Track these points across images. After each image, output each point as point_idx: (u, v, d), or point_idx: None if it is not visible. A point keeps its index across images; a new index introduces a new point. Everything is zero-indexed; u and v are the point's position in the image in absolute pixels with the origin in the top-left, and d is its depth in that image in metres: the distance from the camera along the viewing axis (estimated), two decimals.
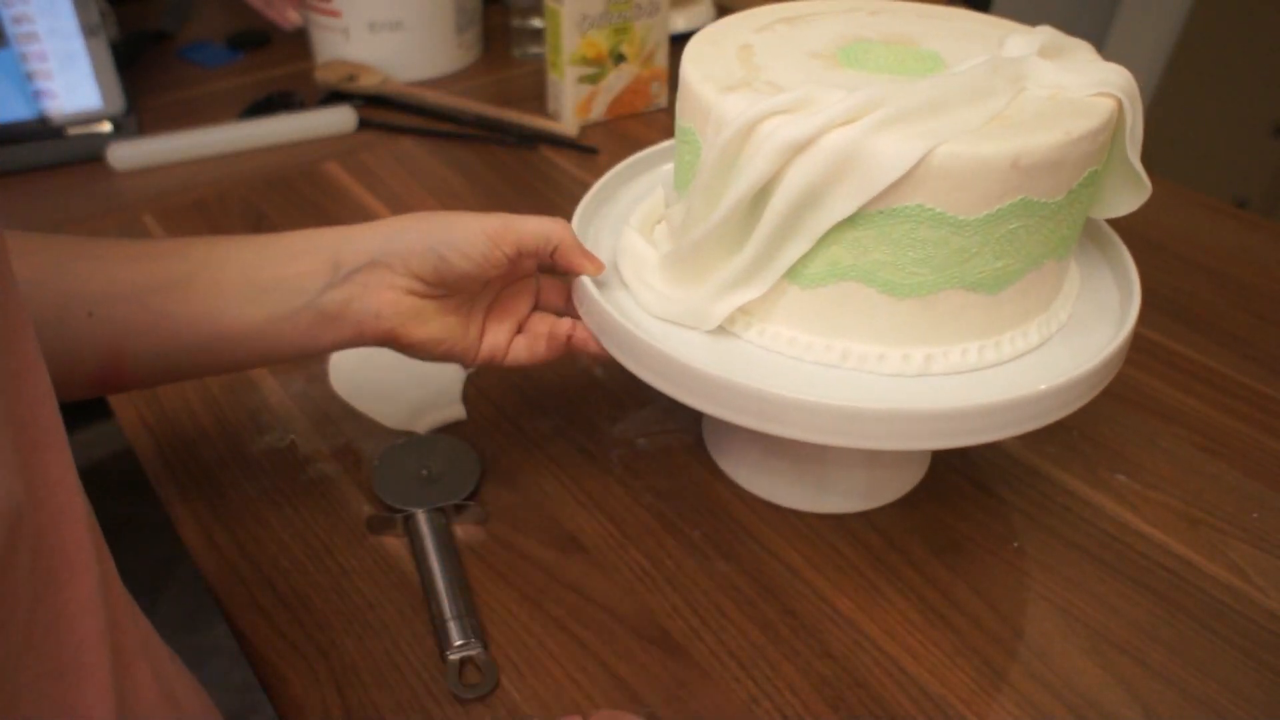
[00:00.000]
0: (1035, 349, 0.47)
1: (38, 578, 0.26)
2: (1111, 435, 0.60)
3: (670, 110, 0.98)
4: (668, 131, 0.42)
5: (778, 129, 0.40)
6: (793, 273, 0.44)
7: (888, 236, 0.41)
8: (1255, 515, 0.55)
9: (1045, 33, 0.47)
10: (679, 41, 1.11)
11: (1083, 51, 0.47)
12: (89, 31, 0.86)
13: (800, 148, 0.39)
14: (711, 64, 0.46)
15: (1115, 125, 0.44)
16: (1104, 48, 2.04)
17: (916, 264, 0.42)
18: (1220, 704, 0.45)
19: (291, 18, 1.14)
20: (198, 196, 0.82)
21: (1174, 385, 0.65)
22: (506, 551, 0.52)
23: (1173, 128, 1.90)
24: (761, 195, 0.42)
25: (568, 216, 0.57)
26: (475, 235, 0.47)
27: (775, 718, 0.45)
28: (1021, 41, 0.46)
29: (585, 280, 0.49)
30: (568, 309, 0.53)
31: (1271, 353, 0.68)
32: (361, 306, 0.46)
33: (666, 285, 0.48)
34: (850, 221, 0.41)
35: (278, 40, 1.13)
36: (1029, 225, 0.42)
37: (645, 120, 0.97)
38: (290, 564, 0.51)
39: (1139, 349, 0.68)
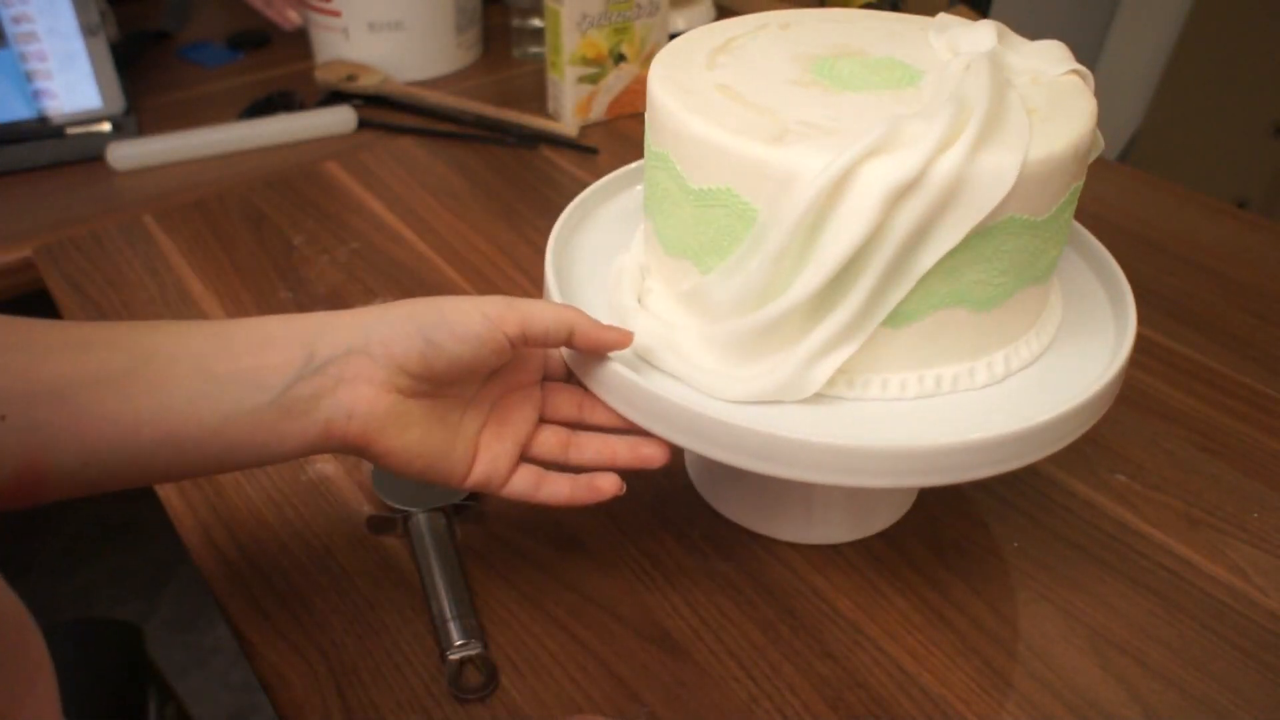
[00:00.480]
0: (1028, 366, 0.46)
1: None
2: (1111, 435, 0.60)
3: None
4: None
5: (880, 174, 0.37)
6: (892, 316, 0.41)
7: (980, 254, 0.40)
8: (1255, 515, 0.55)
9: (975, 24, 0.46)
10: None
11: (1011, 35, 0.46)
12: (89, 31, 0.86)
13: (909, 188, 0.37)
14: (710, 111, 0.41)
15: None
16: (1104, 47, 2.04)
17: (1000, 274, 0.41)
18: (1220, 704, 0.45)
19: (291, 18, 1.14)
20: (198, 196, 0.82)
21: (1174, 385, 0.65)
22: (506, 551, 0.52)
23: (1173, 128, 1.90)
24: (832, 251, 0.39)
25: None
26: (471, 316, 0.39)
27: (775, 718, 0.45)
28: (985, 34, 0.45)
29: (619, 368, 0.42)
30: (581, 421, 0.46)
31: (1271, 353, 0.68)
32: (332, 403, 0.38)
33: (725, 365, 0.43)
34: (953, 250, 0.39)
35: (278, 40, 1.13)
36: (1069, 209, 0.43)
37: (644, 121, 0.97)
38: (290, 564, 0.51)
39: (1139, 349, 0.68)
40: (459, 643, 0.46)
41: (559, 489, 0.44)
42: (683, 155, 0.42)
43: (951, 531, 0.54)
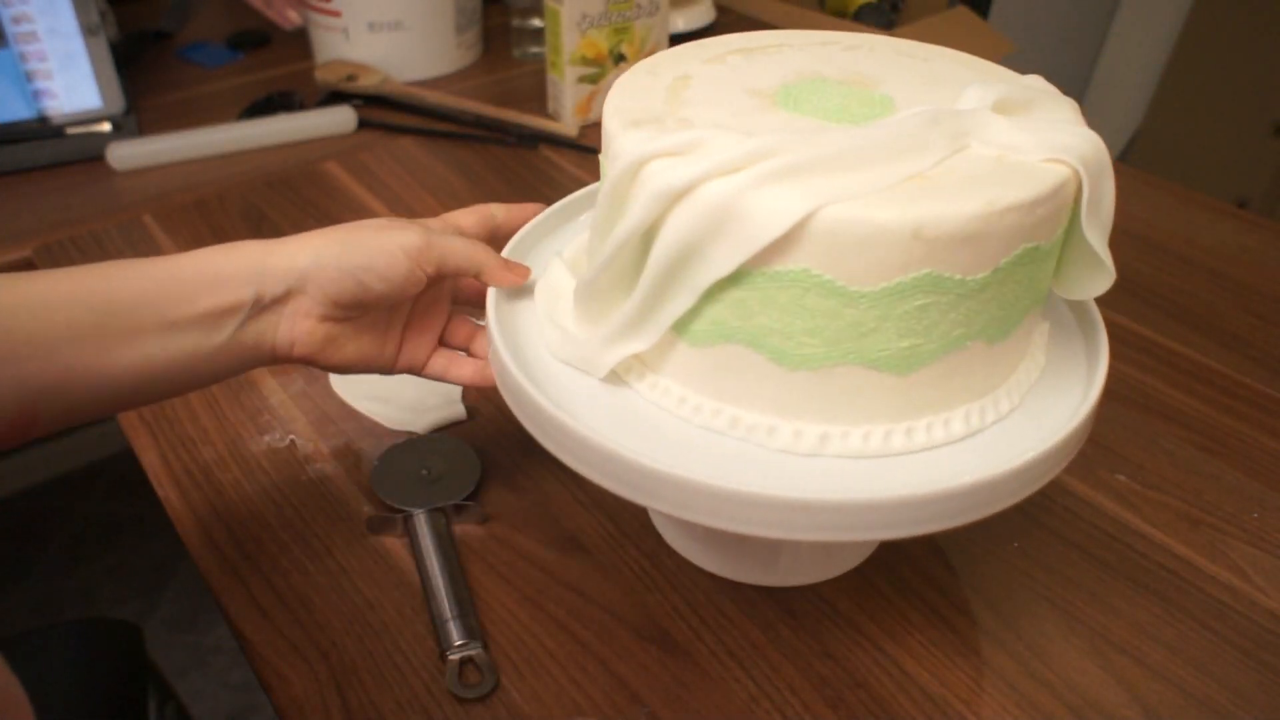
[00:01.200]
0: (958, 440, 0.41)
1: None
2: (1111, 435, 0.60)
3: None
4: None
5: (658, 174, 0.36)
6: (680, 326, 0.40)
7: (773, 300, 0.37)
8: (1255, 515, 0.55)
9: (1022, 84, 0.42)
10: (679, 41, 1.12)
11: (1056, 109, 0.41)
12: (89, 31, 0.86)
13: (679, 196, 0.36)
14: (635, 95, 0.42)
15: (1071, 198, 0.38)
16: (1104, 48, 2.04)
17: (806, 334, 0.37)
18: (1220, 704, 0.45)
19: (291, 18, 1.14)
20: (198, 196, 0.82)
21: (1174, 385, 0.65)
22: (506, 551, 0.52)
23: (1173, 128, 1.90)
24: (646, 242, 0.38)
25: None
26: (396, 257, 0.44)
27: (775, 718, 0.45)
28: (979, 92, 0.40)
29: (490, 311, 0.45)
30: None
31: (1271, 353, 0.68)
32: (277, 336, 0.44)
33: (576, 324, 0.45)
34: (733, 280, 0.37)
35: (278, 40, 1.13)
36: (941, 303, 0.37)
37: None
38: (290, 564, 0.51)
39: (1139, 349, 0.68)
40: (459, 643, 0.46)
41: (463, 371, 0.51)
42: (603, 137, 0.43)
43: (951, 531, 0.54)
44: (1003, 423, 0.42)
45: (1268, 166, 1.78)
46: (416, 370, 0.51)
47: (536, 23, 1.09)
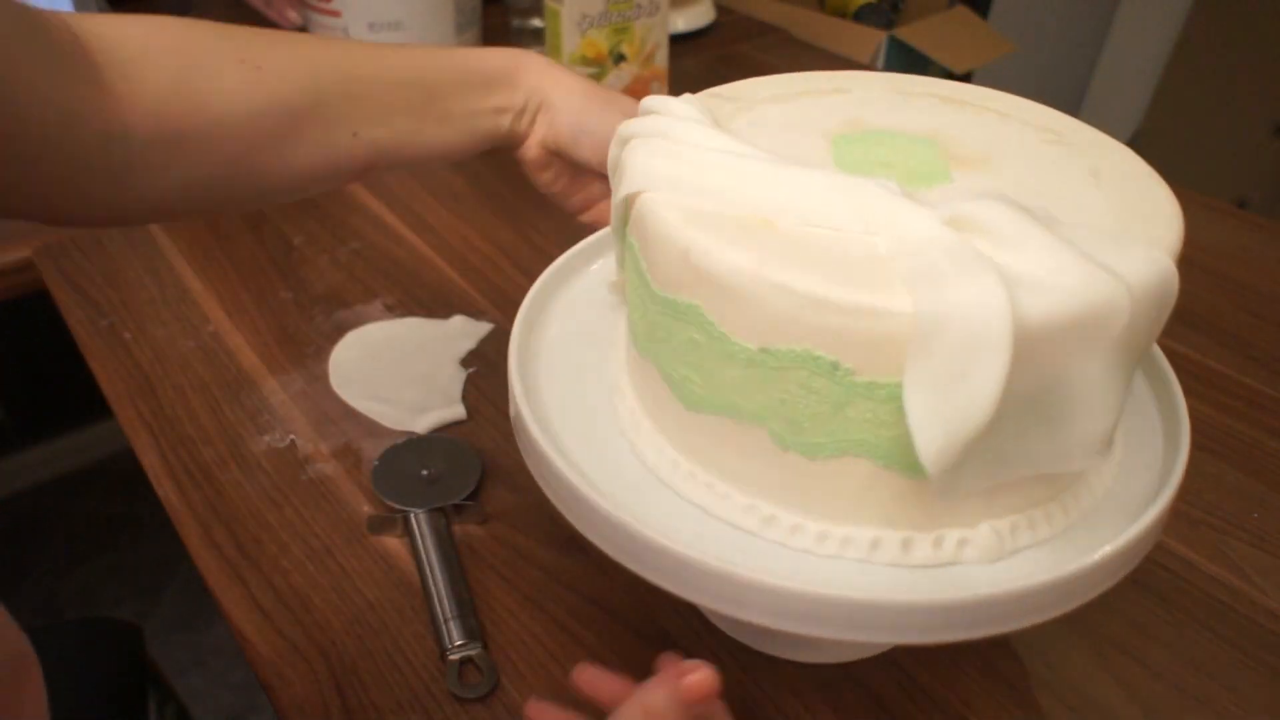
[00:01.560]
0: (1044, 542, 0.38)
1: None
2: None
3: None
4: None
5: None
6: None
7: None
8: (1255, 515, 0.55)
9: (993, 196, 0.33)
10: (679, 41, 1.11)
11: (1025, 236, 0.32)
12: None
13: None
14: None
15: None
16: (1104, 48, 2.04)
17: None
18: (1220, 704, 0.45)
19: (291, 17, 1.14)
20: None
21: None
22: (506, 551, 0.52)
23: (1173, 128, 1.90)
24: None
25: (568, 221, 0.57)
26: (602, 139, 0.50)
27: (775, 718, 0.45)
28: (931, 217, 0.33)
29: (513, 372, 0.41)
30: None
31: (1271, 353, 0.68)
32: (514, 145, 0.54)
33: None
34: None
35: None
36: None
37: None
38: (290, 564, 0.51)
39: None
40: (459, 643, 0.46)
41: None
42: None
43: None
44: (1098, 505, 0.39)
45: (1268, 166, 1.78)
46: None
47: (536, 23, 1.09)
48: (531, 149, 0.54)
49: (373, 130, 0.48)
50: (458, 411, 0.60)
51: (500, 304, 0.70)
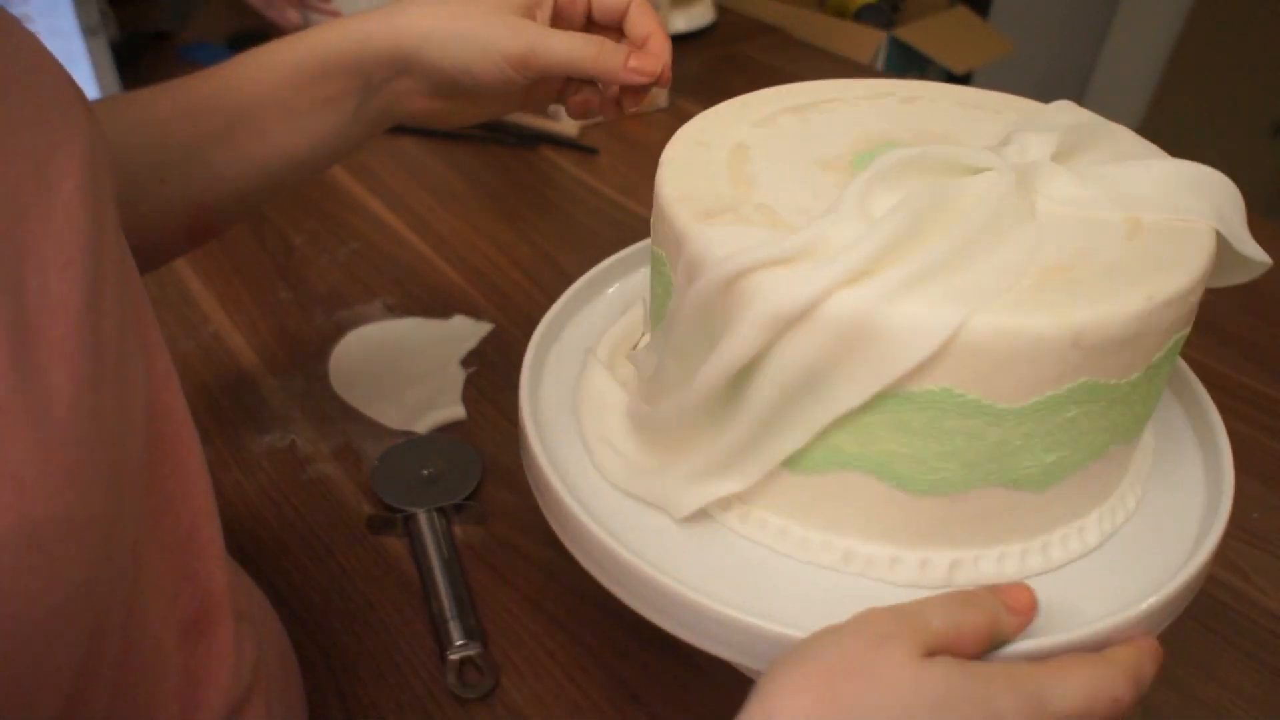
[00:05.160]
0: (1094, 550, 0.36)
1: (158, 457, 0.30)
2: None
3: (671, 111, 0.98)
4: (668, 131, 0.40)
5: (766, 293, 0.30)
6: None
7: (905, 425, 0.31)
8: (1255, 515, 0.55)
9: (1063, 117, 0.37)
10: (679, 41, 1.12)
11: (1112, 140, 0.37)
12: (89, 31, 0.86)
13: (795, 320, 0.30)
14: (693, 174, 0.36)
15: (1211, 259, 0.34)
16: (1104, 47, 2.04)
17: (941, 458, 0.32)
18: (1220, 704, 0.45)
19: (291, 18, 1.14)
20: None
21: None
22: (506, 551, 0.52)
23: (1173, 128, 1.90)
24: (747, 369, 0.32)
25: (569, 221, 0.57)
26: (495, 63, 0.43)
27: None
28: (1039, 141, 0.36)
29: (527, 426, 0.39)
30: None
31: (1271, 353, 0.68)
32: (398, 110, 0.47)
33: (635, 448, 0.39)
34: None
35: None
36: (1092, 411, 0.32)
37: (645, 121, 0.97)
38: (290, 564, 0.51)
39: None
40: (459, 643, 0.46)
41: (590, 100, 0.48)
42: (654, 211, 0.37)
43: None
44: (1132, 521, 0.38)
45: (1268, 166, 1.78)
46: (559, 102, 0.49)
47: None
48: (417, 106, 0.47)
49: (181, 171, 0.43)
50: (458, 411, 0.60)
51: (500, 304, 0.70)
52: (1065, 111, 0.39)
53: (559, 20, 0.46)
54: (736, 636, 0.32)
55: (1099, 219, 0.34)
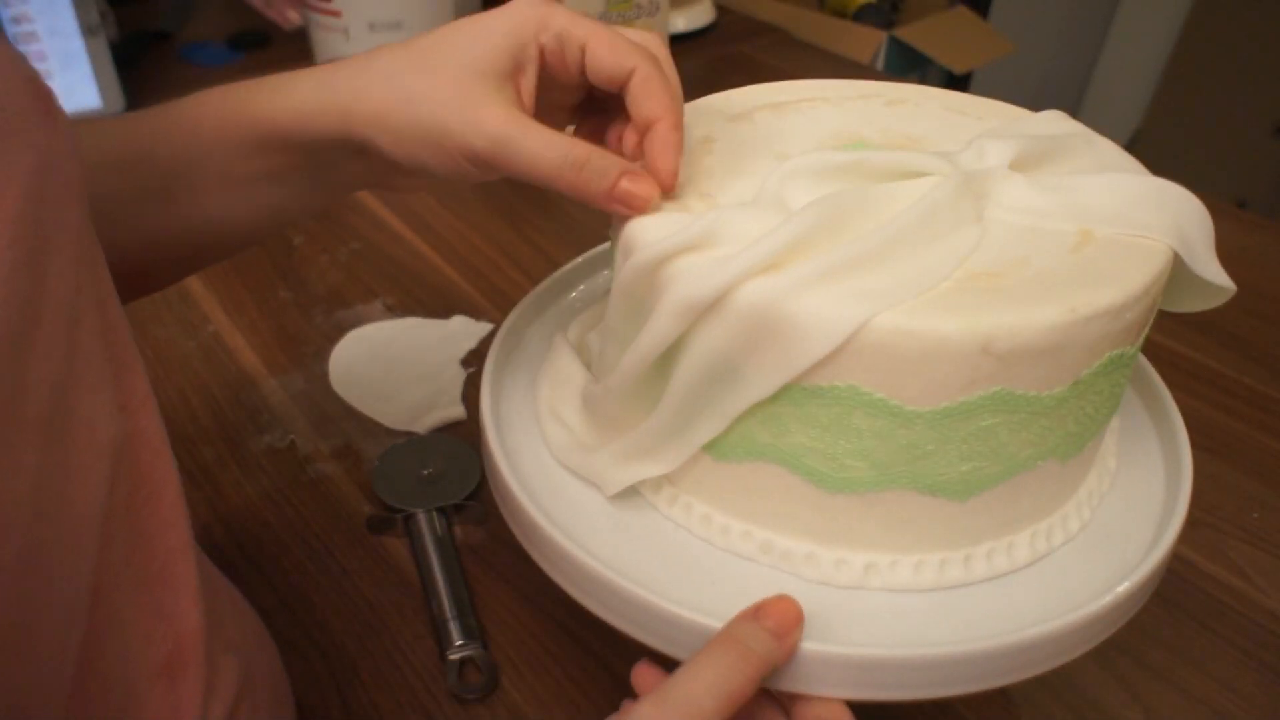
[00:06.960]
0: (1023, 568, 0.36)
1: (129, 491, 0.28)
2: None
3: None
4: None
5: (680, 280, 0.31)
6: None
7: (814, 419, 0.32)
8: (1255, 515, 0.55)
9: (1040, 127, 0.37)
10: (679, 41, 1.11)
11: (1090, 152, 0.37)
12: (89, 31, 0.86)
13: (706, 308, 0.31)
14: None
15: (1164, 281, 0.33)
16: (1104, 48, 2.04)
17: (851, 455, 0.32)
18: (1220, 704, 0.45)
19: (291, 18, 1.14)
20: None
21: (1174, 385, 0.65)
22: (506, 551, 0.52)
23: (1173, 128, 1.90)
24: (671, 353, 0.33)
25: (569, 221, 0.57)
26: (454, 159, 0.36)
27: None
28: (997, 148, 0.35)
29: (484, 403, 0.40)
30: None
31: (1271, 353, 0.68)
32: (359, 185, 0.42)
33: (582, 425, 0.39)
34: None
35: (278, 40, 1.13)
36: (1011, 423, 0.32)
37: None
38: (290, 564, 0.51)
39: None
40: (459, 643, 0.46)
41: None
42: None
43: None
44: (1073, 543, 0.37)
45: (1268, 166, 1.78)
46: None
47: None
48: (379, 182, 0.42)
49: (109, 225, 0.35)
50: (458, 411, 0.60)
51: (500, 304, 0.70)
52: (1049, 121, 0.39)
53: (548, 88, 0.38)
54: (650, 620, 0.33)
55: (1050, 229, 0.34)
